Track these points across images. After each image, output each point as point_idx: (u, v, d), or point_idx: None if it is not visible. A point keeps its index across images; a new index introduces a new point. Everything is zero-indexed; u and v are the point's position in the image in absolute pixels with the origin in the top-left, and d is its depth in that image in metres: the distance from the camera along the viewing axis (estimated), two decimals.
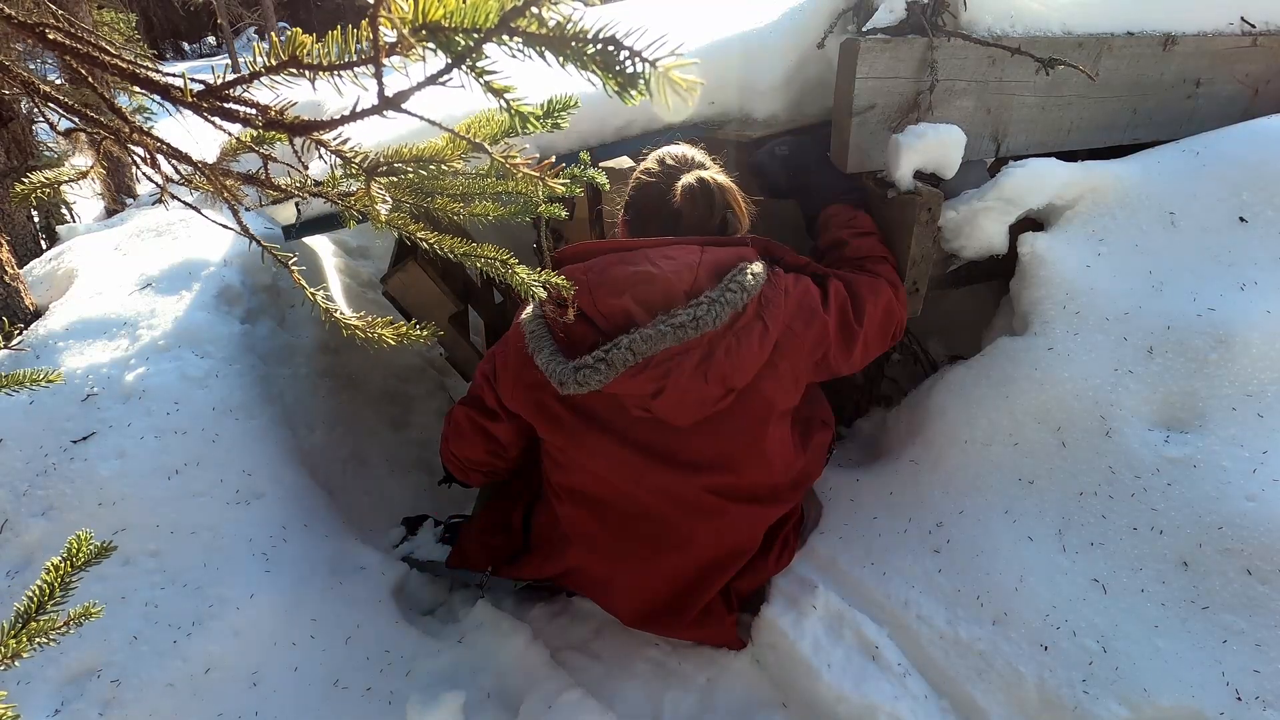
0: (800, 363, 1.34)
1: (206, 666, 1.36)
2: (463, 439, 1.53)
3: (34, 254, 2.81)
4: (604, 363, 1.21)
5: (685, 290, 1.24)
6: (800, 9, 1.58)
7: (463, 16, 0.40)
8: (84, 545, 0.63)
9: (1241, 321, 1.36)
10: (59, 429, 1.54)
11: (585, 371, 1.22)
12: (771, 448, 1.36)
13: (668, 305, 1.23)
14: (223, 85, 0.53)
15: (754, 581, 1.44)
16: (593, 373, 1.21)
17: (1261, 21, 1.80)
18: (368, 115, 0.50)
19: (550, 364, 1.26)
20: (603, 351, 1.21)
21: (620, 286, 1.25)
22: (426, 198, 0.72)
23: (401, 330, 0.75)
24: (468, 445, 1.53)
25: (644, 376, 1.22)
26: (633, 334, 1.21)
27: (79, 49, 0.60)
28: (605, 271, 1.27)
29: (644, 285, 1.24)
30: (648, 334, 1.20)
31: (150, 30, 14.80)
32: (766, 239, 1.40)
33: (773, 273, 1.31)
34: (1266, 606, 1.14)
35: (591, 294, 1.26)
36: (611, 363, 1.20)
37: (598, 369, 1.21)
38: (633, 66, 0.40)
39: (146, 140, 0.69)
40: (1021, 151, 1.67)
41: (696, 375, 1.23)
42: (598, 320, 1.26)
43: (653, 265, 1.26)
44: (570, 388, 1.23)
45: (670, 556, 1.38)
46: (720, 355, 1.23)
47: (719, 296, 1.22)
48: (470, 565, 1.60)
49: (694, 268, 1.27)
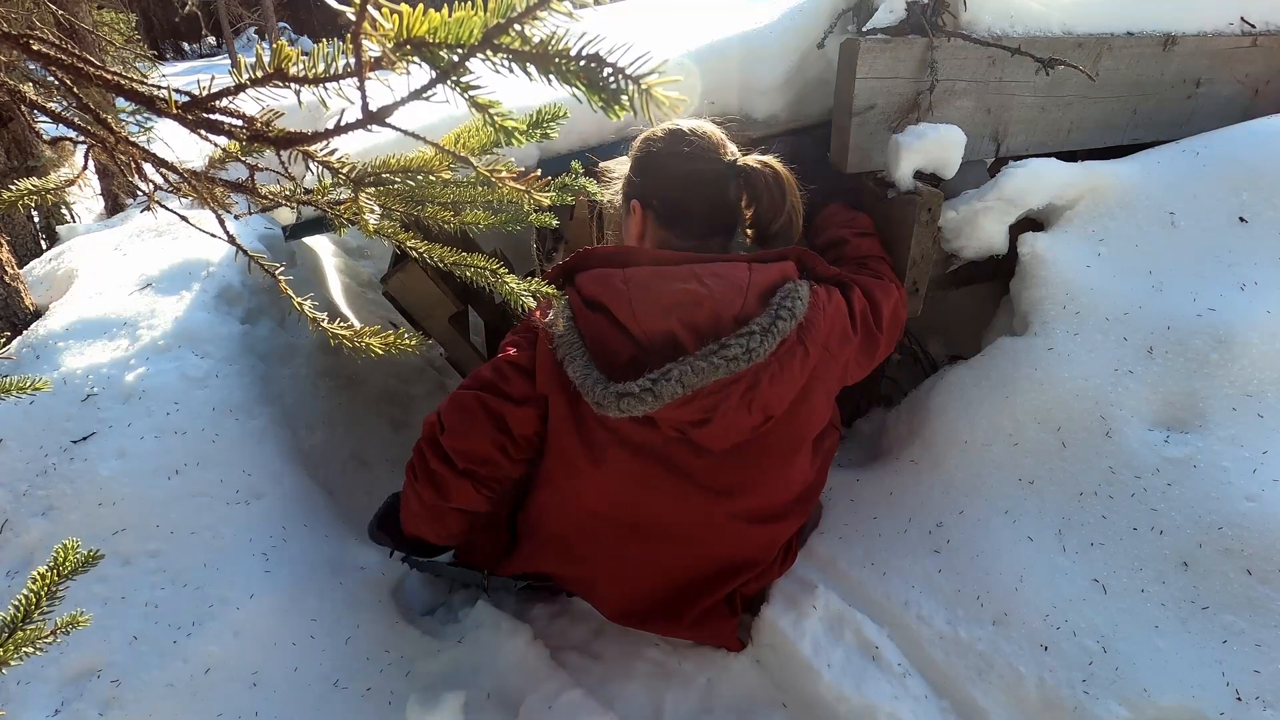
0: (832, 384, 1.30)
1: (206, 666, 1.36)
2: (471, 425, 1.30)
3: (34, 254, 2.81)
4: (650, 393, 1.12)
5: (734, 316, 1.16)
6: (800, 9, 1.58)
7: (446, 32, 0.40)
8: (71, 554, 0.63)
9: (1241, 321, 1.36)
10: (59, 429, 1.54)
11: (629, 400, 1.13)
12: (795, 473, 1.34)
13: (715, 331, 1.15)
14: (208, 97, 0.53)
15: (759, 584, 1.43)
16: (638, 402, 1.12)
17: (1261, 21, 1.80)
18: (352, 129, 0.50)
19: (586, 380, 1.16)
20: (649, 382, 1.12)
21: (665, 306, 1.15)
22: (416, 206, 0.72)
23: (389, 340, 0.74)
24: (475, 434, 1.30)
25: (691, 407, 1.16)
26: (683, 365, 1.12)
27: (64, 59, 0.60)
28: (648, 286, 1.17)
29: (691, 307, 1.15)
30: (700, 366, 1.12)
31: (150, 30, 14.81)
32: (803, 248, 1.28)
33: (813, 292, 1.22)
34: (1266, 606, 1.14)
35: (632, 307, 1.16)
36: (659, 394, 1.12)
37: (643, 399, 1.12)
38: (616, 83, 0.41)
39: (132, 150, 0.69)
40: (1021, 151, 1.67)
41: (742, 406, 1.18)
42: (637, 335, 1.17)
43: (700, 284, 1.16)
44: (611, 411, 1.14)
45: (671, 561, 1.36)
46: (765, 383, 1.17)
47: (770, 325, 1.14)
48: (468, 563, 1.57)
49: (743, 289, 1.17)
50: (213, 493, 1.54)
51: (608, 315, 1.18)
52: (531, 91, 0.54)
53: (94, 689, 1.30)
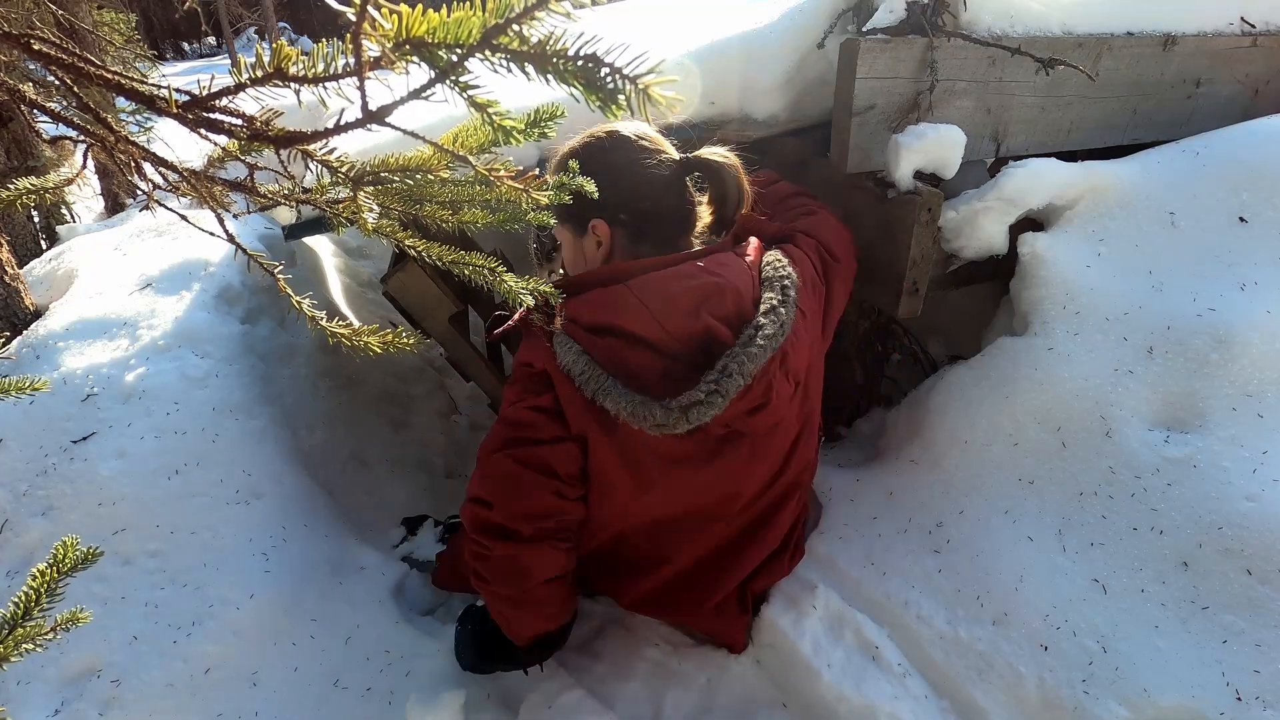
0: (819, 335, 1.32)
1: (206, 666, 1.36)
2: (517, 484, 1.18)
3: (34, 254, 2.81)
4: (718, 394, 1.08)
5: (754, 298, 1.16)
6: (800, 9, 1.58)
7: (445, 32, 0.40)
8: (70, 551, 0.63)
9: (1241, 321, 1.36)
10: (59, 429, 1.54)
11: (698, 409, 1.08)
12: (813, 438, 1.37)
13: (742, 317, 1.15)
14: (208, 96, 0.53)
15: (770, 580, 1.42)
16: (706, 408, 1.08)
17: (1261, 21, 1.80)
18: (351, 129, 0.50)
19: (637, 408, 1.09)
20: (713, 384, 1.09)
21: (690, 306, 1.13)
22: (415, 205, 0.71)
23: (388, 338, 0.74)
24: (525, 491, 1.18)
25: (749, 396, 1.13)
26: (737, 357, 1.10)
27: (64, 59, 0.60)
28: (663, 290, 1.13)
29: (715, 299, 1.14)
30: (752, 353, 1.10)
31: (150, 30, 14.81)
32: (745, 216, 1.28)
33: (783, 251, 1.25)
34: (1266, 606, 1.14)
35: (654, 317, 1.12)
36: (725, 392, 1.08)
37: (712, 402, 1.08)
38: (614, 83, 0.41)
39: (132, 149, 0.69)
40: (1021, 151, 1.67)
41: (783, 378, 1.18)
42: (666, 346, 1.13)
43: (715, 275, 1.15)
44: (680, 427, 1.08)
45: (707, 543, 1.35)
46: (791, 353, 1.18)
47: (784, 297, 1.16)
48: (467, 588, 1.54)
49: (748, 271, 1.18)
50: (213, 493, 1.54)
51: (621, 336, 1.14)
52: (530, 91, 0.54)
53: (94, 689, 1.30)
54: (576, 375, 1.12)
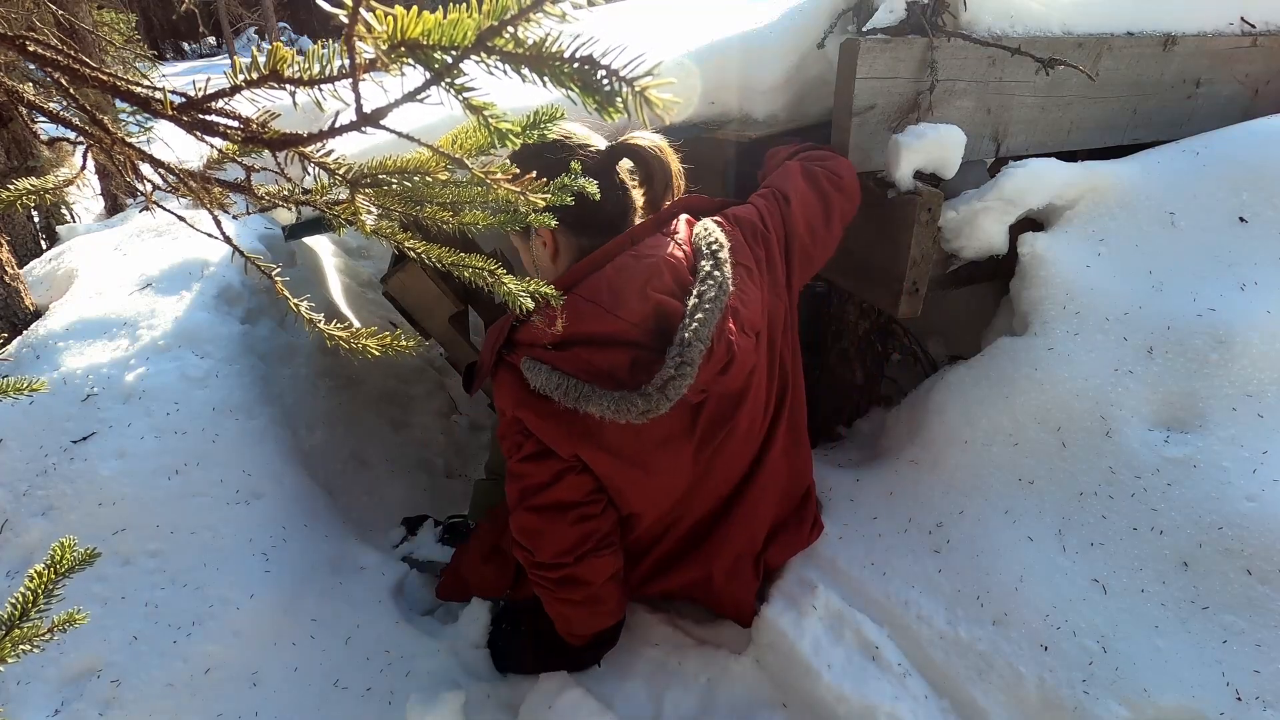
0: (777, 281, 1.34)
1: (206, 666, 1.36)
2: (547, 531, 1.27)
3: (34, 254, 2.81)
4: (686, 364, 1.12)
5: (690, 267, 1.21)
6: (800, 9, 1.58)
7: (440, 34, 0.40)
8: (69, 551, 0.63)
9: (1241, 321, 1.36)
10: (59, 429, 1.54)
11: (673, 384, 1.11)
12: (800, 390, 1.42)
13: (683, 286, 1.20)
14: (204, 98, 0.53)
15: (787, 552, 1.45)
16: (680, 379, 1.12)
17: (1261, 21, 1.80)
18: (346, 131, 0.50)
19: (620, 403, 1.12)
20: (678, 355, 1.12)
21: (637, 287, 1.18)
22: (415, 206, 0.71)
23: (386, 340, 0.74)
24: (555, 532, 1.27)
25: (714, 358, 1.17)
26: (688, 326, 1.14)
27: (60, 60, 0.60)
28: (608, 284, 1.19)
29: (655, 278, 1.19)
30: (701, 318, 1.14)
31: (150, 30, 14.82)
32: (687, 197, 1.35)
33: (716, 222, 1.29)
34: (1266, 606, 1.14)
35: (608, 309, 1.17)
36: (691, 360, 1.12)
37: (683, 373, 1.11)
38: (610, 85, 0.41)
39: (129, 150, 0.69)
40: (1021, 151, 1.67)
41: (740, 333, 1.21)
42: (628, 334, 1.18)
43: (648, 256, 1.21)
44: (662, 406, 1.12)
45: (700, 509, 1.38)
46: (741, 307, 1.22)
47: (715, 258, 1.20)
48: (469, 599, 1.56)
49: (680, 246, 1.23)
50: (213, 493, 1.54)
51: (587, 342, 1.17)
52: (530, 93, 0.54)
53: (94, 689, 1.30)
54: (554, 391, 1.15)
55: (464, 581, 1.57)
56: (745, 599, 1.41)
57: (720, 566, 1.39)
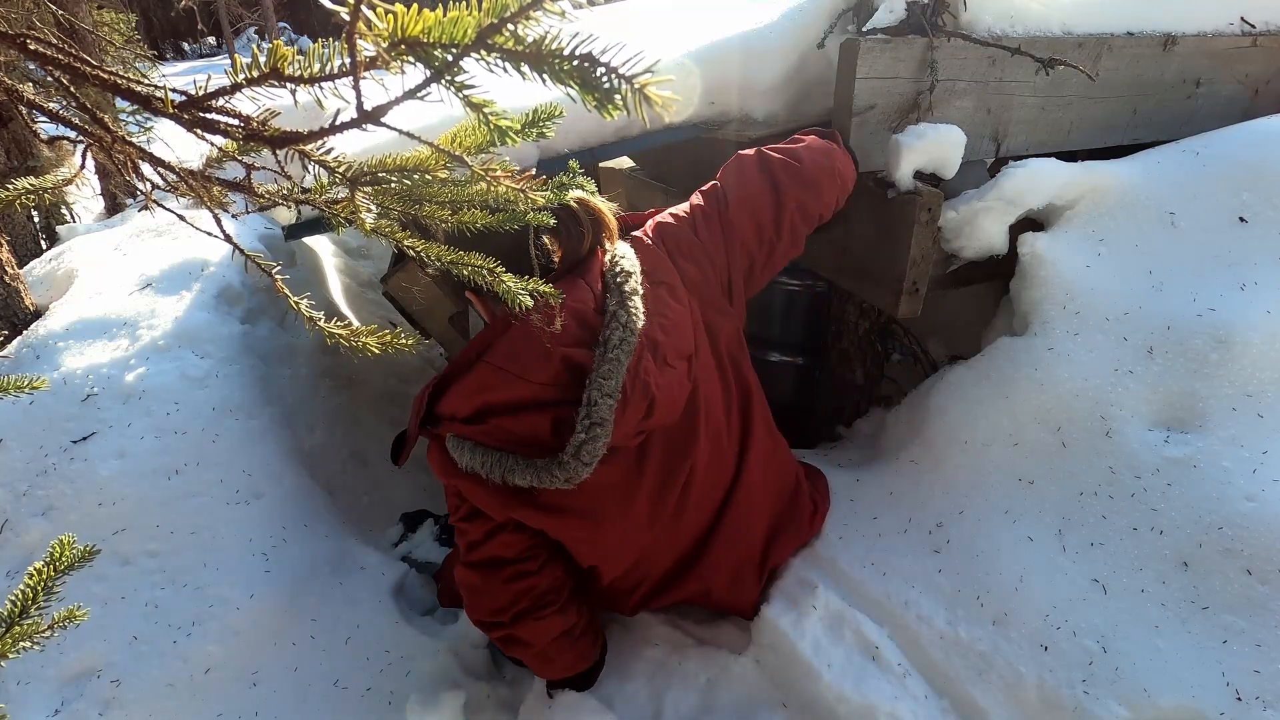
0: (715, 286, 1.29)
1: (206, 666, 1.36)
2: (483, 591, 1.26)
3: (34, 254, 2.81)
4: (596, 426, 1.08)
5: (595, 307, 1.16)
6: (800, 9, 1.58)
7: (440, 32, 0.40)
8: (68, 549, 0.63)
9: (1241, 321, 1.36)
10: (59, 429, 1.54)
11: (588, 447, 1.08)
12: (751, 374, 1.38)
13: (591, 330, 1.14)
14: (204, 96, 0.53)
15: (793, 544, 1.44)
16: (593, 442, 1.08)
17: (1261, 21, 1.80)
18: (346, 129, 0.50)
19: (539, 476, 1.10)
20: (585, 419, 1.09)
21: (540, 347, 1.12)
22: (414, 205, 0.71)
23: (386, 338, 0.74)
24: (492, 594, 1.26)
25: (634, 406, 1.13)
26: (595, 381, 1.09)
27: (60, 59, 0.60)
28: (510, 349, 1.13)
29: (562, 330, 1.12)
30: (607, 369, 1.10)
31: (150, 30, 14.82)
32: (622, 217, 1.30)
33: (634, 240, 1.25)
34: (1266, 606, 1.14)
35: (519, 376, 1.13)
36: (601, 420, 1.08)
37: (595, 435, 1.08)
38: (609, 82, 0.41)
39: (129, 149, 0.69)
40: (1021, 151, 1.67)
41: (660, 369, 1.17)
42: (543, 394, 1.14)
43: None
44: (581, 472, 1.09)
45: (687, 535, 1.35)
46: (659, 336, 1.18)
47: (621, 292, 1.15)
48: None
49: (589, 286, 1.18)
50: (213, 493, 1.54)
51: (500, 412, 1.13)
52: (531, 91, 0.54)
53: (94, 689, 1.30)
54: (479, 469, 1.13)
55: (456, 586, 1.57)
56: (749, 599, 1.42)
57: (720, 582, 1.38)
